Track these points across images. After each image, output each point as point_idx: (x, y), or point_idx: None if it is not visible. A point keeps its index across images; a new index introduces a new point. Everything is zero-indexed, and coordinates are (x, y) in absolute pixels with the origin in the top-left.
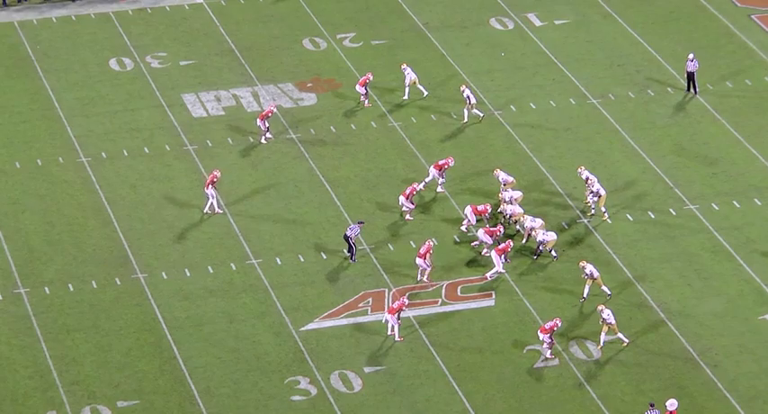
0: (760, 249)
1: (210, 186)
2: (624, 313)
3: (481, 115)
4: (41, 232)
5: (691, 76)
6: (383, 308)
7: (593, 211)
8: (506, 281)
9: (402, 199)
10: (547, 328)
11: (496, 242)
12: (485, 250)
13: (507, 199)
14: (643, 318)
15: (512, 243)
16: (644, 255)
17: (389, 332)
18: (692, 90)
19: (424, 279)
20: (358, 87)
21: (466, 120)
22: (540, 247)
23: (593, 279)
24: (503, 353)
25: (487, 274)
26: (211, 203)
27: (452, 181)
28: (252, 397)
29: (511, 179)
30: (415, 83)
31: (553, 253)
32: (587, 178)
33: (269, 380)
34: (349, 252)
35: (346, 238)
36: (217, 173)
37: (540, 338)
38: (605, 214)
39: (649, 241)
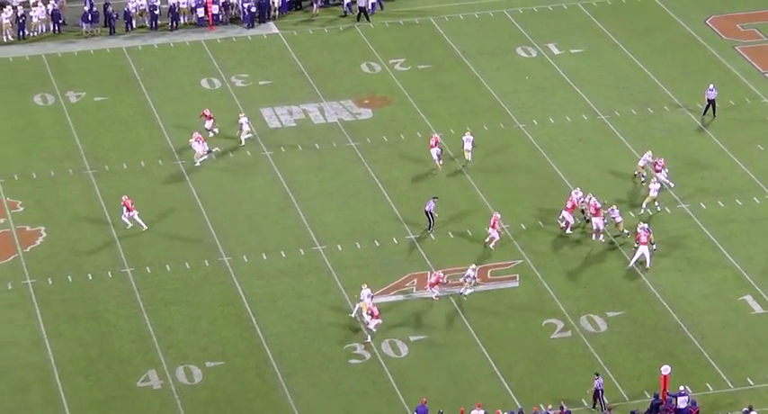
0: (740, 241)
1: (130, 211)
2: (626, 294)
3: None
4: (144, 222)
5: (711, 103)
6: (426, 287)
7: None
8: (528, 266)
9: (433, 152)
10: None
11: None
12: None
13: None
14: (642, 298)
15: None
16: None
17: (435, 297)
18: (709, 113)
19: (491, 246)
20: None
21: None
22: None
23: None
24: (524, 326)
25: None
26: (137, 222)
27: (483, 183)
28: (316, 360)
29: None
30: (247, 132)
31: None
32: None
33: (330, 346)
34: (429, 224)
35: (426, 212)
36: (127, 199)
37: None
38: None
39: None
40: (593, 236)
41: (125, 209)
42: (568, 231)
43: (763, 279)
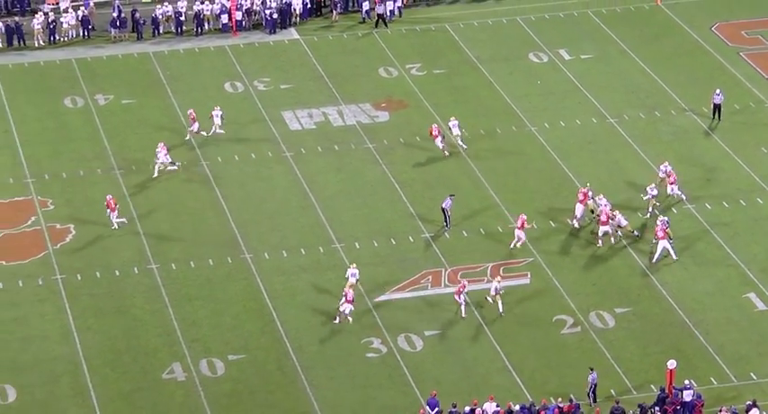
0: (744, 241)
1: (113, 211)
2: (634, 291)
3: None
4: (169, 220)
5: (717, 107)
6: (440, 284)
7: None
8: (539, 264)
9: (437, 141)
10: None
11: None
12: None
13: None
14: (649, 295)
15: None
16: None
17: (463, 315)
18: (716, 118)
19: (518, 245)
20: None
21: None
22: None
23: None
24: (535, 321)
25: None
26: (113, 221)
27: (496, 184)
28: (335, 353)
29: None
30: (219, 126)
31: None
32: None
33: (349, 340)
34: (445, 221)
35: (443, 209)
36: (111, 198)
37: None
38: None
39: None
40: (599, 241)
41: (108, 209)
42: (576, 226)
43: (765, 277)
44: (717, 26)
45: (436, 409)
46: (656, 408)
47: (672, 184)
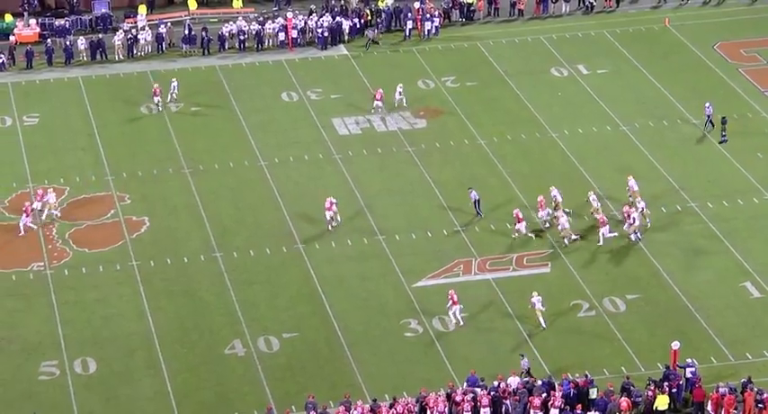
0: (741, 236)
1: (28, 216)
2: (643, 279)
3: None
4: (232, 214)
5: (709, 118)
6: (471, 271)
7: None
8: (558, 255)
9: (375, 103)
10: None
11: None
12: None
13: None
14: (657, 283)
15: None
16: (657, 239)
17: (461, 322)
18: (713, 127)
19: (616, 236)
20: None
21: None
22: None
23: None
24: (554, 305)
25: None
26: (25, 226)
27: (522, 184)
28: (376, 333)
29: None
30: (173, 94)
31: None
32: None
33: (389, 321)
34: (478, 212)
35: (474, 202)
36: (29, 205)
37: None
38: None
39: (662, 229)
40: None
41: (24, 214)
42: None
43: (760, 268)
44: (718, 45)
45: (475, 383)
46: (663, 383)
47: (628, 211)
